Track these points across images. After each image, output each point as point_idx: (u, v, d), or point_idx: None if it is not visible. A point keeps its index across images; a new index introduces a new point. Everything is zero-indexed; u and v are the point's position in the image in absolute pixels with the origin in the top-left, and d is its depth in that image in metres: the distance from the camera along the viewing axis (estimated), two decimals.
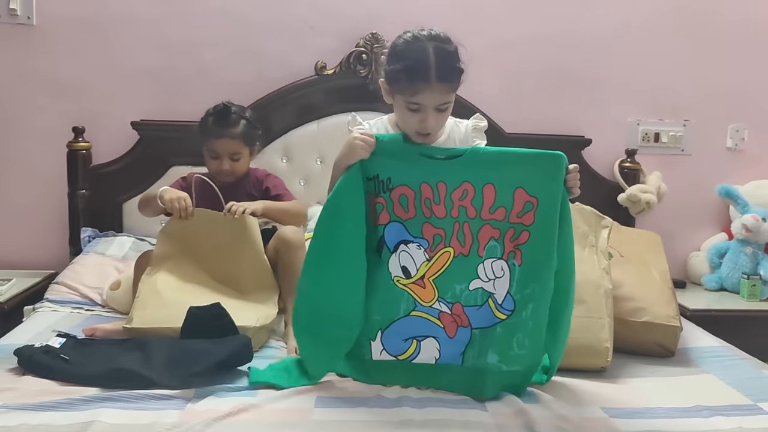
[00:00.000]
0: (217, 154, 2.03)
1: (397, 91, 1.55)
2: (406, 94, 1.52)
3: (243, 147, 2.05)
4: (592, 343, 1.71)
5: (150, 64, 2.52)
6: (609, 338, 1.73)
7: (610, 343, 1.72)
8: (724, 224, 2.75)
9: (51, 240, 2.52)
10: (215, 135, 2.03)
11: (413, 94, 1.51)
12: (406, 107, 1.54)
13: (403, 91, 1.53)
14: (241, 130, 2.05)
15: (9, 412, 1.37)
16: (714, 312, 2.38)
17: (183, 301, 1.73)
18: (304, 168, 2.53)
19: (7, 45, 2.48)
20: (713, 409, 1.49)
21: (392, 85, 1.56)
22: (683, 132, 2.73)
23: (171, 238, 1.92)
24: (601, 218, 1.92)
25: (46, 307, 2.08)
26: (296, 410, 1.43)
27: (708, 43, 2.69)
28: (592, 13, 2.65)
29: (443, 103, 1.54)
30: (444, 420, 1.39)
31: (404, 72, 1.51)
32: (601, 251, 1.87)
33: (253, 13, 2.54)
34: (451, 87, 1.55)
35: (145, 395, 1.45)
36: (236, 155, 2.04)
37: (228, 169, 2.04)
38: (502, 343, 1.53)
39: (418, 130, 1.55)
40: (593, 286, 1.78)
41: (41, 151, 2.51)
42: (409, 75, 1.51)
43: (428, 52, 1.52)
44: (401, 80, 1.52)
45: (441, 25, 2.56)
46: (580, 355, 1.69)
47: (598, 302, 1.76)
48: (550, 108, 2.66)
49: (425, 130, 1.55)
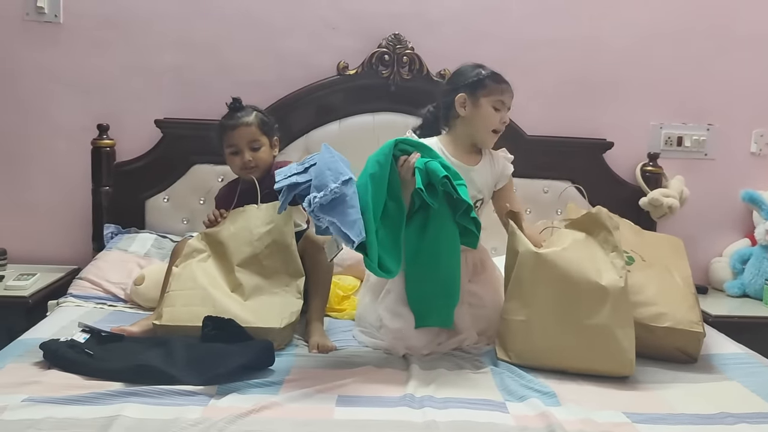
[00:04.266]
0: (237, 146, 2.03)
1: (485, 94, 1.88)
2: (495, 94, 1.89)
3: (260, 134, 2.04)
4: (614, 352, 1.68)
5: (174, 63, 2.54)
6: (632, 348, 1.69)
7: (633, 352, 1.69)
8: (747, 230, 2.72)
9: (74, 236, 2.55)
10: (231, 127, 2.04)
11: (502, 93, 1.90)
12: (493, 107, 1.89)
13: (491, 92, 1.89)
14: (254, 119, 2.06)
15: (34, 405, 1.38)
16: (736, 318, 2.35)
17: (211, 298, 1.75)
18: None
19: (35, 43, 2.51)
20: (738, 416, 1.47)
21: (479, 90, 1.88)
22: (707, 136, 2.70)
23: (208, 236, 1.94)
24: (611, 218, 1.84)
25: (70, 302, 2.10)
26: (318, 409, 1.44)
27: (733, 47, 2.66)
28: (616, 16, 2.63)
29: (509, 107, 1.94)
30: (466, 421, 1.39)
31: (492, 77, 1.90)
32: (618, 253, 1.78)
33: (275, 13, 2.55)
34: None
35: (168, 391, 1.47)
36: (255, 143, 2.03)
37: (251, 160, 2.02)
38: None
39: (497, 128, 1.91)
40: (620, 291, 1.71)
41: (66, 148, 2.54)
42: (496, 79, 1.90)
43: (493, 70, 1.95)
44: (489, 84, 1.89)
45: (463, 27, 2.59)
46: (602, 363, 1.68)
47: (626, 310, 1.72)
48: (573, 111, 2.65)
49: (504, 126, 1.91)
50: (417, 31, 2.56)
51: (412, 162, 1.72)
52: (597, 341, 1.68)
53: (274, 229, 1.90)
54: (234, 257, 1.87)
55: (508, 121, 1.92)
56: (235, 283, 1.84)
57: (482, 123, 1.90)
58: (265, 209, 1.93)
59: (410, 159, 1.73)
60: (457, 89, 1.91)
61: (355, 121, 2.53)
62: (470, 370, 1.70)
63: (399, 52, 2.53)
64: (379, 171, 1.70)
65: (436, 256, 1.78)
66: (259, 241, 1.88)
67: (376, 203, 1.68)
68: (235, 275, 1.85)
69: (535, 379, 1.63)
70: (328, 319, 2.05)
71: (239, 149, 2.03)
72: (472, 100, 1.89)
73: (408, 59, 2.53)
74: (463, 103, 1.90)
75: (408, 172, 1.72)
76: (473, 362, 1.75)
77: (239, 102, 2.09)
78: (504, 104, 1.90)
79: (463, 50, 2.58)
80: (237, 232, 1.91)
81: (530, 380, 1.63)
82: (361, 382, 1.58)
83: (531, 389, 1.57)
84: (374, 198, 1.68)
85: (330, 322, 2.03)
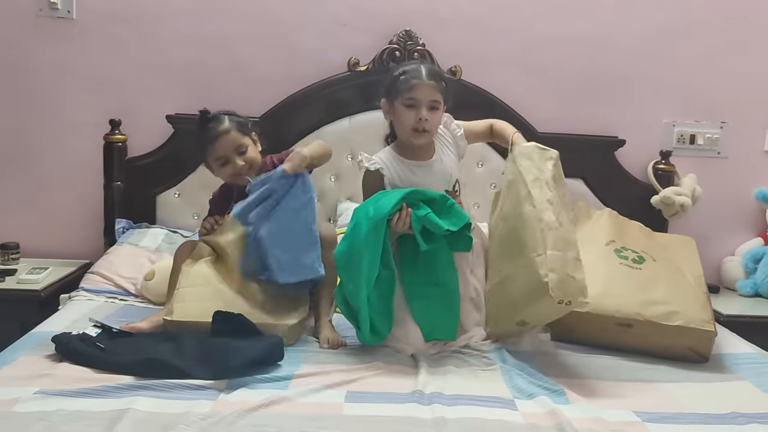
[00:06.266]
0: (225, 156, 1.95)
1: (396, 94, 1.83)
2: (404, 92, 1.81)
3: (242, 137, 1.97)
4: (534, 285, 1.64)
5: (185, 59, 2.55)
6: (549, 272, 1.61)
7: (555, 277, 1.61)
8: (760, 229, 2.69)
9: (86, 230, 2.57)
10: (212, 140, 1.95)
11: (410, 89, 1.81)
12: (404, 105, 1.82)
13: (401, 92, 1.82)
14: (230, 124, 1.97)
15: (46, 397, 1.40)
16: (748, 318, 2.33)
17: (221, 294, 1.76)
18: (335, 164, 2.53)
19: (48, 38, 2.53)
20: (749, 416, 1.46)
21: (392, 93, 1.84)
22: (720, 134, 2.68)
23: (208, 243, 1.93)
24: (545, 151, 1.81)
25: (82, 295, 2.12)
26: (327, 404, 1.44)
27: (747, 44, 2.63)
28: (628, 13, 2.61)
29: (434, 100, 1.83)
30: (475, 418, 1.39)
31: (402, 75, 1.83)
32: (545, 183, 1.74)
33: (286, 9, 2.55)
34: (439, 86, 1.84)
35: (178, 385, 1.48)
36: (241, 147, 1.96)
37: (243, 165, 1.95)
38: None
39: (414, 126, 1.83)
40: (533, 221, 1.68)
41: (78, 143, 2.56)
42: (405, 78, 1.83)
43: (418, 64, 1.91)
44: (399, 84, 1.82)
45: (474, 24, 2.58)
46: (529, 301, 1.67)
47: (535, 237, 1.67)
48: (584, 108, 2.63)
49: (420, 125, 1.82)
50: (428, 27, 2.56)
51: (407, 222, 1.72)
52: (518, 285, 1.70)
53: None
54: (235, 259, 1.85)
55: (427, 118, 1.82)
56: (241, 285, 1.83)
57: (401, 125, 1.87)
58: None
59: (404, 219, 1.73)
60: (381, 96, 1.92)
61: (365, 117, 2.53)
62: (479, 368, 1.70)
63: (410, 48, 2.53)
64: (374, 238, 1.70)
65: (432, 276, 1.80)
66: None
67: (370, 272, 1.70)
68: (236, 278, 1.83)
69: (545, 377, 1.63)
70: (337, 315, 2.05)
71: (228, 159, 1.95)
72: (390, 104, 1.88)
73: (419, 56, 2.53)
74: (387, 109, 1.91)
75: (404, 228, 1.73)
76: (482, 359, 1.74)
77: (208, 113, 2.00)
78: (417, 100, 1.81)
79: (474, 47, 2.58)
80: (236, 236, 1.87)
81: (540, 378, 1.62)
82: (370, 378, 1.59)
83: (540, 387, 1.57)
84: (369, 266, 1.69)
85: (339, 318, 2.02)
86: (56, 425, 1.29)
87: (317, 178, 2.26)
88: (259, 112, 2.47)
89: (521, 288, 1.70)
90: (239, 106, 2.47)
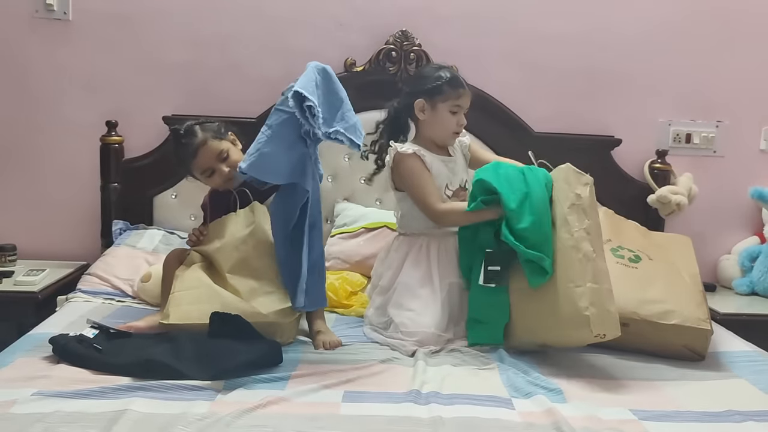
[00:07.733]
0: (210, 167, 1.94)
1: (443, 99, 1.96)
2: (452, 99, 1.96)
3: (219, 142, 1.96)
4: (572, 315, 1.66)
5: (182, 60, 2.55)
6: (590, 306, 1.64)
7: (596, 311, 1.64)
8: (756, 227, 2.70)
9: (83, 232, 2.57)
10: (192, 155, 1.93)
11: (458, 97, 1.96)
12: (450, 111, 1.97)
13: (448, 97, 1.96)
14: (204, 133, 1.96)
15: (44, 399, 1.40)
16: (744, 316, 2.34)
17: (218, 295, 1.76)
18: (332, 164, 2.54)
19: (44, 40, 2.53)
20: (745, 414, 1.47)
21: (436, 97, 1.96)
22: (716, 133, 2.68)
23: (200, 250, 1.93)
24: (581, 175, 1.83)
25: (79, 297, 2.12)
26: (324, 404, 1.44)
27: (743, 43, 2.64)
28: (624, 11, 2.62)
29: (468, 106, 2.02)
30: (472, 417, 1.39)
31: (449, 83, 1.96)
32: (583, 210, 1.77)
33: (283, 9, 2.56)
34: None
35: (176, 385, 1.48)
36: (221, 153, 1.95)
37: (230, 170, 1.94)
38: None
39: (456, 130, 2.01)
40: (569, 250, 1.71)
41: (75, 144, 2.56)
42: (452, 84, 1.97)
43: (452, 70, 2.04)
44: (446, 91, 1.96)
45: (470, 23, 2.58)
46: (561, 328, 1.68)
47: (573, 267, 1.69)
48: (580, 107, 2.64)
49: (462, 128, 2.01)
50: (424, 27, 2.56)
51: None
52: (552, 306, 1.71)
53: (256, 228, 1.89)
54: (224, 266, 1.85)
55: (465, 123, 2.01)
56: (231, 290, 1.82)
57: (441, 127, 1.99)
58: (242, 213, 1.92)
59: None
60: (417, 94, 1.99)
61: (362, 117, 2.46)
62: (476, 367, 1.70)
63: (406, 48, 2.53)
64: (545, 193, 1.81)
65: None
66: (244, 245, 1.87)
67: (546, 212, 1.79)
68: (228, 283, 1.83)
69: (542, 376, 1.63)
70: (335, 315, 2.06)
71: (213, 168, 1.95)
72: (430, 105, 1.97)
73: (415, 56, 2.53)
74: (422, 108, 1.98)
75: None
76: (479, 358, 1.75)
77: (178, 130, 1.99)
78: (461, 107, 1.98)
79: (470, 46, 2.58)
80: (221, 243, 1.88)
81: (536, 377, 1.63)
82: (367, 377, 1.59)
83: (537, 386, 1.57)
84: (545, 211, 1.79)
85: (337, 318, 2.03)
86: (54, 427, 1.29)
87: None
88: (256, 112, 2.47)
89: (552, 312, 1.69)
90: (236, 107, 2.49)
